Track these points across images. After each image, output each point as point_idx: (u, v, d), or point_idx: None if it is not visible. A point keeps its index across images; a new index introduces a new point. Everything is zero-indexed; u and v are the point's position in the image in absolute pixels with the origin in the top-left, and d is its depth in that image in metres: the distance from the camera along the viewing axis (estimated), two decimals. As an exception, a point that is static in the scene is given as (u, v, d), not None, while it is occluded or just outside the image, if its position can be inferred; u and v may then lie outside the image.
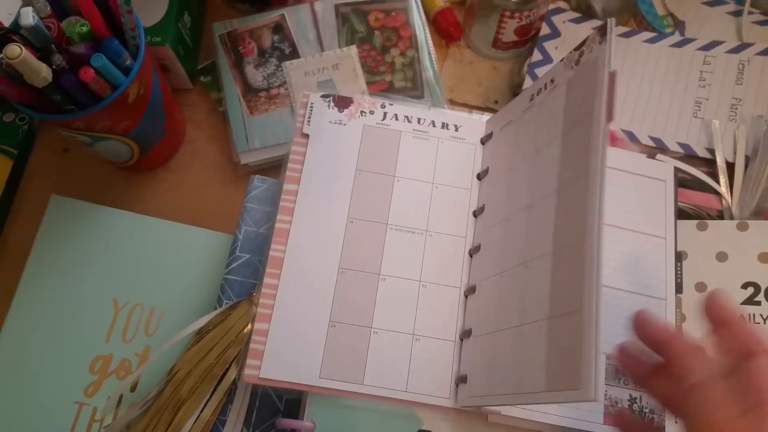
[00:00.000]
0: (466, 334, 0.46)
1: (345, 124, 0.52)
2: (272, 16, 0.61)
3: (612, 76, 0.39)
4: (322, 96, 0.52)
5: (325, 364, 0.45)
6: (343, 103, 0.52)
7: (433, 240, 0.49)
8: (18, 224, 0.58)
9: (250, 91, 0.59)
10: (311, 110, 0.52)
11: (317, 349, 0.46)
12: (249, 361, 0.45)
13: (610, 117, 0.38)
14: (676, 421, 0.43)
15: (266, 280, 0.47)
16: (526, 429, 0.45)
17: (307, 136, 0.51)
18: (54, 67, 0.44)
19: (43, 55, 0.44)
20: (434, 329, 0.47)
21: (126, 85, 0.47)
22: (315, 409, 0.45)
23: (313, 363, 0.45)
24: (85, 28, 0.45)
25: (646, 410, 0.45)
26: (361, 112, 0.52)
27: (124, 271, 0.54)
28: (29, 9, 0.41)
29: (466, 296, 0.48)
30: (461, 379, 0.45)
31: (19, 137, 0.59)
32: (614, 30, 0.38)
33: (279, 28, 0.61)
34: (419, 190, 0.51)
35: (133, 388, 0.52)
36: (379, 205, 0.50)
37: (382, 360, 0.46)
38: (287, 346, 0.45)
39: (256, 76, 0.59)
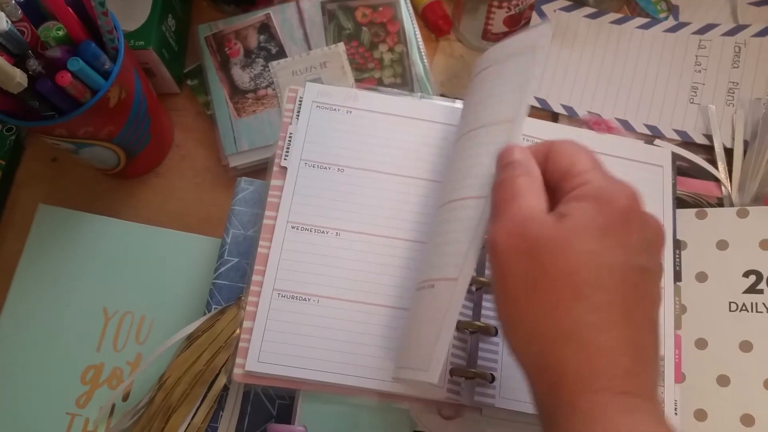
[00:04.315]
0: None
1: None
2: (258, 15, 0.60)
3: None
4: None
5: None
6: (332, 97, 0.51)
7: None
8: (8, 235, 0.58)
9: (237, 92, 0.58)
10: (300, 105, 0.51)
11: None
12: (238, 360, 0.44)
13: None
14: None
15: (254, 277, 0.46)
16: (524, 422, 0.44)
17: None
18: (30, 72, 0.43)
19: (19, 61, 0.43)
20: None
21: (106, 89, 0.46)
22: (306, 413, 0.44)
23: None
24: (61, 32, 0.44)
25: None
26: None
27: (114, 279, 0.54)
28: (2, 14, 0.41)
29: (476, 289, 0.47)
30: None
31: (7, 147, 0.58)
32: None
33: (265, 27, 0.60)
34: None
35: (125, 398, 0.51)
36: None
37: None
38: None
39: (242, 77, 0.59)
